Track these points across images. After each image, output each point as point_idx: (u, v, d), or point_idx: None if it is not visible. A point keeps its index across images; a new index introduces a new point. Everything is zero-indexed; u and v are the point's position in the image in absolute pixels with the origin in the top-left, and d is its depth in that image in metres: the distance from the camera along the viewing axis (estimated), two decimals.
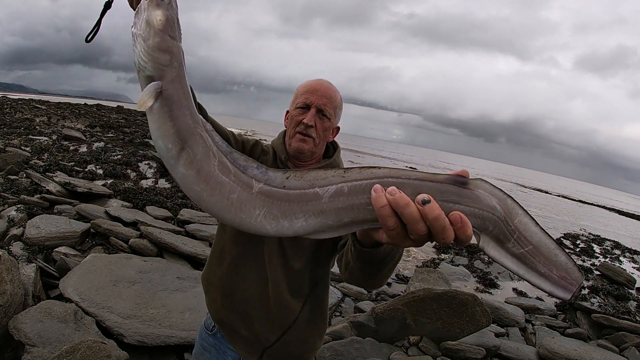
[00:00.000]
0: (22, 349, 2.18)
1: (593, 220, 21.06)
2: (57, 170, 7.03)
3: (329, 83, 1.21)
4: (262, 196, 0.61)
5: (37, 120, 16.08)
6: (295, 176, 0.60)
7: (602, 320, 4.71)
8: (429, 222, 0.50)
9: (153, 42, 0.67)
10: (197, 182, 0.64)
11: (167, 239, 4.09)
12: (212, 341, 1.27)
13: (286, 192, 0.60)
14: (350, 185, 0.56)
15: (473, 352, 3.40)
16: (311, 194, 0.58)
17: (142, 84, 0.68)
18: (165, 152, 0.66)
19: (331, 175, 0.58)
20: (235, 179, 0.63)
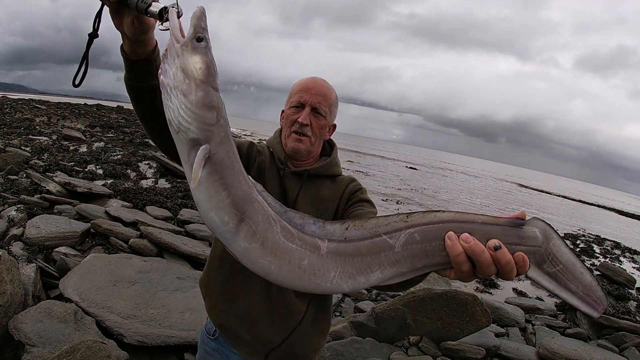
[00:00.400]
0: (22, 349, 2.18)
1: (593, 221, 21.06)
2: (57, 170, 7.03)
3: (323, 80, 1.20)
4: (333, 256, 0.58)
5: (37, 120, 16.08)
6: (355, 225, 0.58)
7: (602, 320, 4.71)
8: (500, 265, 0.55)
9: (196, 97, 0.58)
10: (263, 255, 0.59)
11: (167, 239, 4.09)
12: (215, 345, 1.26)
13: (357, 246, 0.58)
14: (421, 231, 0.56)
15: (473, 352, 3.40)
16: (382, 244, 0.57)
17: (183, 147, 0.60)
18: (220, 226, 0.59)
19: (394, 221, 0.57)
20: (302, 244, 0.59)
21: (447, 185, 25.13)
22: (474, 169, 63.77)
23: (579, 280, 0.58)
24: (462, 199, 19.07)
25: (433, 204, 14.91)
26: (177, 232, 4.70)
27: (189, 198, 7.06)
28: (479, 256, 0.55)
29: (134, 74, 0.85)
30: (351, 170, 20.99)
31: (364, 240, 0.58)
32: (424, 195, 17.45)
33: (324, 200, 1.18)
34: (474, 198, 20.37)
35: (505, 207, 18.76)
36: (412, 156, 64.50)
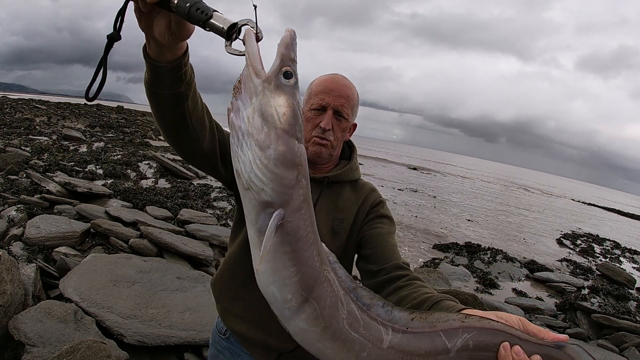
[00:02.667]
0: (22, 349, 2.18)
1: (593, 221, 21.06)
2: (57, 170, 7.03)
3: (344, 78, 1.14)
4: (393, 351, 0.55)
5: (37, 120, 16.09)
6: (420, 317, 0.57)
7: (602, 320, 4.71)
8: None
9: (276, 152, 0.47)
10: (322, 340, 0.54)
11: (167, 239, 4.09)
12: (226, 344, 1.24)
13: (417, 345, 0.56)
14: (474, 338, 0.57)
15: None
16: (440, 345, 0.56)
17: (252, 208, 0.50)
18: (280, 303, 0.55)
19: (452, 319, 0.58)
20: (366, 333, 0.55)
21: (446, 186, 25.13)
22: (473, 170, 63.79)
23: None
24: (467, 203, 19.09)
25: (434, 205, 14.93)
26: (177, 232, 4.70)
27: (189, 198, 7.06)
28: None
29: (158, 80, 0.75)
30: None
31: (424, 334, 0.57)
32: (424, 195, 17.46)
33: (342, 210, 1.15)
34: (476, 201, 20.39)
35: (505, 209, 18.77)
36: (411, 157, 64.50)
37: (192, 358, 2.60)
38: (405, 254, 7.56)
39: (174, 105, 0.79)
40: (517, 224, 14.11)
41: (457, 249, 8.43)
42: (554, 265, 8.55)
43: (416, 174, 30.62)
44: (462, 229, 11.09)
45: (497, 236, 11.05)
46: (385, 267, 1.01)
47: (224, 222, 6.20)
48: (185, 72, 0.76)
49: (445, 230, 10.39)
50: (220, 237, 4.78)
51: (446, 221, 11.81)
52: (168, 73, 0.73)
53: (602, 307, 5.51)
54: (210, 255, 4.16)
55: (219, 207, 7.22)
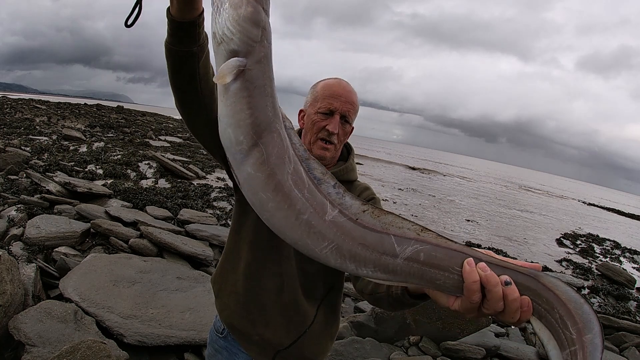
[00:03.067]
0: (22, 349, 2.18)
1: (593, 221, 21.07)
2: (57, 170, 7.03)
3: (349, 84, 1.17)
4: (335, 228, 0.55)
5: (37, 120, 16.08)
6: (373, 213, 0.55)
7: (602, 320, 4.71)
8: (507, 302, 0.55)
9: (246, 11, 0.56)
10: (265, 189, 0.56)
11: (167, 239, 4.09)
12: (223, 343, 1.25)
13: (363, 234, 0.55)
14: (427, 252, 0.55)
15: (473, 352, 3.40)
16: (388, 247, 0.55)
17: (221, 57, 0.58)
18: (233, 144, 0.57)
19: (407, 227, 0.55)
20: (310, 197, 0.55)
21: (446, 186, 25.13)
22: (473, 170, 63.82)
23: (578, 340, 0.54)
24: (466, 202, 19.09)
25: (434, 205, 14.93)
26: (177, 232, 4.70)
27: (189, 198, 7.06)
28: (492, 287, 0.55)
29: (177, 38, 0.84)
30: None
31: (373, 232, 0.55)
32: (424, 195, 17.46)
33: None
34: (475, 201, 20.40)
35: (505, 209, 18.77)
36: (411, 158, 64.55)
37: (192, 358, 2.60)
38: None
39: (185, 62, 0.87)
40: (517, 224, 14.11)
41: None
42: (554, 266, 8.55)
43: (416, 174, 30.63)
44: (462, 229, 11.09)
45: (497, 236, 11.05)
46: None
47: (224, 222, 6.20)
48: (198, 33, 0.84)
49: (445, 231, 10.39)
50: (220, 237, 4.78)
51: (446, 221, 11.81)
52: (184, 30, 0.82)
53: (602, 307, 5.51)
54: (210, 255, 4.16)
55: (219, 207, 7.22)
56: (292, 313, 1.14)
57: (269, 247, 1.13)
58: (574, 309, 0.54)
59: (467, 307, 0.57)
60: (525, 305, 0.55)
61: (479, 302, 0.56)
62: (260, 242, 1.14)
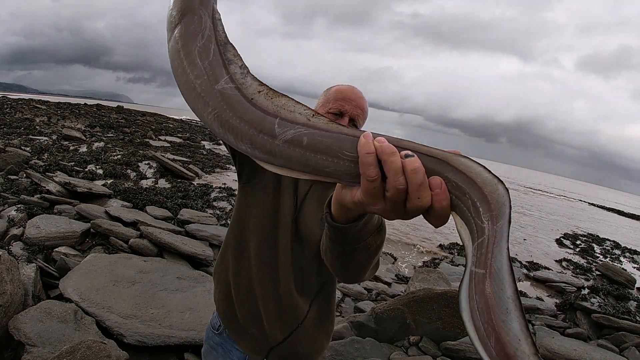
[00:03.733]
0: (22, 349, 2.18)
1: (593, 221, 21.06)
2: (57, 170, 7.03)
3: (360, 92, 1.22)
4: (220, 96, 0.56)
5: (37, 120, 16.09)
6: (268, 94, 0.55)
7: (602, 320, 4.71)
8: (407, 175, 0.48)
9: None
10: (178, 56, 0.62)
11: (167, 239, 4.09)
12: (218, 340, 1.28)
13: (246, 109, 0.54)
14: (312, 137, 0.51)
15: (473, 352, 3.40)
16: (269, 126, 0.53)
17: None
18: (168, 17, 0.66)
19: (299, 111, 0.53)
20: (208, 67, 0.59)
21: None
22: None
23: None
24: None
25: None
26: (177, 232, 4.70)
27: (189, 198, 7.06)
28: (388, 156, 0.48)
29: None
30: None
31: (257, 109, 0.54)
32: None
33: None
34: None
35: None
36: None
37: (192, 358, 2.60)
38: (406, 254, 7.57)
39: None
40: (517, 224, 14.11)
41: (457, 249, 8.43)
42: (554, 265, 8.55)
43: None
44: None
45: None
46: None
47: (224, 222, 6.20)
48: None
49: (445, 230, 10.39)
50: (220, 237, 4.78)
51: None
52: None
53: (602, 307, 5.51)
54: (210, 255, 4.16)
55: (219, 207, 7.22)
56: (286, 306, 1.16)
57: (269, 238, 1.16)
58: (489, 193, 0.46)
59: (368, 190, 0.50)
60: (437, 186, 0.48)
61: (378, 181, 0.49)
62: (262, 233, 1.17)
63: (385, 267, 6.54)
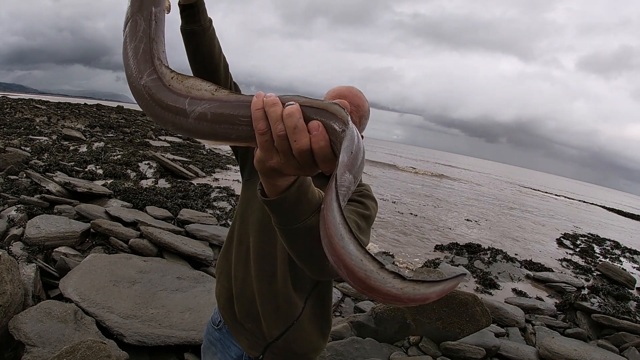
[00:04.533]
0: (22, 349, 2.18)
1: (593, 221, 21.07)
2: (57, 170, 7.03)
3: (359, 91, 1.23)
4: (145, 91, 0.62)
5: (37, 120, 16.08)
6: (178, 78, 0.61)
7: (602, 320, 4.71)
8: (284, 120, 0.52)
9: None
10: (124, 59, 0.68)
11: (167, 239, 4.09)
12: (218, 335, 1.31)
13: (162, 98, 0.60)
14: (215, 111, 0.56)
15: (473, 352, 3.40)
16: (180, 108, 0.58)
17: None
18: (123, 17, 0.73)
19: (205, 89, 0.58)
20: (136, 63, 0.65)
21: (447, 186, 25.14)
22: (472, 171, 63.74)
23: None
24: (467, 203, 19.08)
25: (434, 205, 14.92)
26: (177, 232, 4.70)
27: (189, 198, 7.06)
28: (269, 107, 0.52)
29: (183, 19, 1.06)
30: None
31: (173, 94, 0.60)
32: (424, 195, 17.46)
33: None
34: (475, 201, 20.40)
35: (504, 210, 18.78)
36: (410, 159, 64.46)
37: (192, 358, 2.60)
38: (406, 254, 7.56)
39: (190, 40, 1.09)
40: (517, 224, 14.11)
41: (457, 249, 8.43)
42: (554, 265, 8.55)
43: (416, 174, 30.64)
44: (463, 229, 11.09)
45: (497, 236, 11.05)
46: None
47: (224, 222, 6.20)
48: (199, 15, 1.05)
49: (445, 230, 10.39)
50: (220, 237, 4.78)
51: (446, 221, 11.81)
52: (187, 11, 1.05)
53: (602, 307, 5.51)
54: (210, 255, 4.16)
55: (219, 207, 7.22)
56: (281, 302, 1.17)
57: (268, 233, 1.17)
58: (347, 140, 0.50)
59: (261, 144, 0.55)
60: (315, 129, 0.51)
61: (268, 133, 0.53)
62: (261, 229, 1.18)
63: None
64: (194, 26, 1.06)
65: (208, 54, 1.10)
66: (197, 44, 1.08)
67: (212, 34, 1.10)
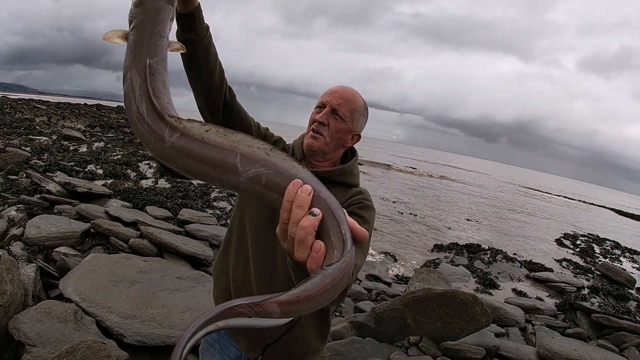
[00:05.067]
0: (22, 349, 2.18)
1: (593, 221, 21.06)
2: (57, 170, 7.03)
3: (352, 89, 1.24)
4: (175, 151, 0.58)
5: (37, 120, 16.08)
6: (218, 132, 0.57)
7: (602, 320, 4.71)
8: (298, 230, 0.52)
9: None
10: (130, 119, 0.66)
11: (167, 239, 4.09)
12: (216, 337, 1.33)
13: (204, 154, 0.56)
14: (270, 178, 0.55)
15: (473, 352, 3.40)
16: (232, 165, 0.55)
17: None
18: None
19: (257, 147, 0.56)
20: (148, 129, 0.61)
21: (447, 186, 25.13)
22: (473, 171, 63.74)
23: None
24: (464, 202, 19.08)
25: (434, 205, 14.92)
26: (177, 232, 4.70)
27: (189, 198, 7.06)
28: (295, 207, 0.52)
29: (179, 26, 1.05)
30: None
31: (217, 149, 0.56)
32: (424, 196, 17.45)
33: None
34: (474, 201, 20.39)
35: (505, 210, 18.77)
36: (408, 160, 64.53)
37: (192, 358, 2.60)
38: (406, 254, 7.57)
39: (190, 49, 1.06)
40: (517, 224, 14.11)
41: (457, 249, 8.43)
42: (554, 265, 8.55)
43: (416, 175, 30.63)
44: (463, 229, 11.09)
45: (497, 236, 11.05)
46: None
47: (224, 222, 6.20)
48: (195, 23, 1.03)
49: (445, 230, 10.39)
50: (220, 237, 4.78)
51: (446, 221, 11.81)
52: (184, 19, 1.03)
53: (602, 307, 5.51)
54: (210, 255, 4.16)
55: (219, 207, 7.22)
56: None
57: (267, 234, 1.18)
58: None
59: (280, 229, 0.55)
60: (316, 251, 0.52)
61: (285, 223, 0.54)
62: (259, 229, 1.20)
63: (385, 267, 6.55)
64: (190, 35, 1.05)
65: (203, 61, 1.08)
66: (193, 52, 1.07)
67: (209, 41, 1.09)
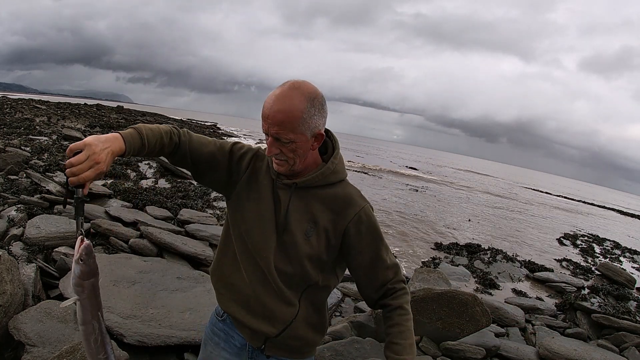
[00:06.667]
0: (22, 349, 2.18)
1: (593, 221, 21.06)
2: (57, 170, 7.02)
3: (287, 92, 1.08)
4: None
5: (37, 120, 16.08)
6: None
7: (602, 320, 4.71)
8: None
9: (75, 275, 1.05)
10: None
11: (167, 239, 4.09)
12: (222, 326, 1.36)
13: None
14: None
15: (473, 352, 3.40)
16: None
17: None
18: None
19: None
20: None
21: (447, 187, 25.12)
22: (473, 171, 63.67)
23: None
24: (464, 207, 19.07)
25: (434, 205, 14.92)
26: (177, 232, 4.70)
27: (189, 198, 7.06)
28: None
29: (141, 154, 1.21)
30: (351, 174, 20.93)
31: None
32: (424, 196, 17.45)
33: (314, 215, 1.20)
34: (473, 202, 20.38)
35: (505, 210, 18.76)
36: (407, 160, 64.47)
37: (192, 358, 2.60)
38: (406, 254, 7.57)
39: (155, 153, 1.24)
40: (517, 224, 14.11)
41: (457, 249, 8.43)
42: (554, 265, 8.55)
43: (416, 176, 30.62)
44: (463, 229, 11.09)
45: (497, 236, 11.05)
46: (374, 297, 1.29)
47: (224, 222, 6.21)
48: (136, 154, 1.17)
49: (445, 231, 10.39)
50: (220, 237, 4.78)
51: (446, 221, 11.81)
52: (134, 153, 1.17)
53: (602, 307, 5.52)
54: (210, 255, 4.16)
55: (219, 207, 7.22)
56: (277, 302, 1.23)
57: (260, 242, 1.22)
58: None
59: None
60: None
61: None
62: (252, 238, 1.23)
63: None
64: (144, 152, 1.19)
65: (151, 152, 1.22)
66: (164, 154, 1.28)
67: (150, 148, 1.19)
